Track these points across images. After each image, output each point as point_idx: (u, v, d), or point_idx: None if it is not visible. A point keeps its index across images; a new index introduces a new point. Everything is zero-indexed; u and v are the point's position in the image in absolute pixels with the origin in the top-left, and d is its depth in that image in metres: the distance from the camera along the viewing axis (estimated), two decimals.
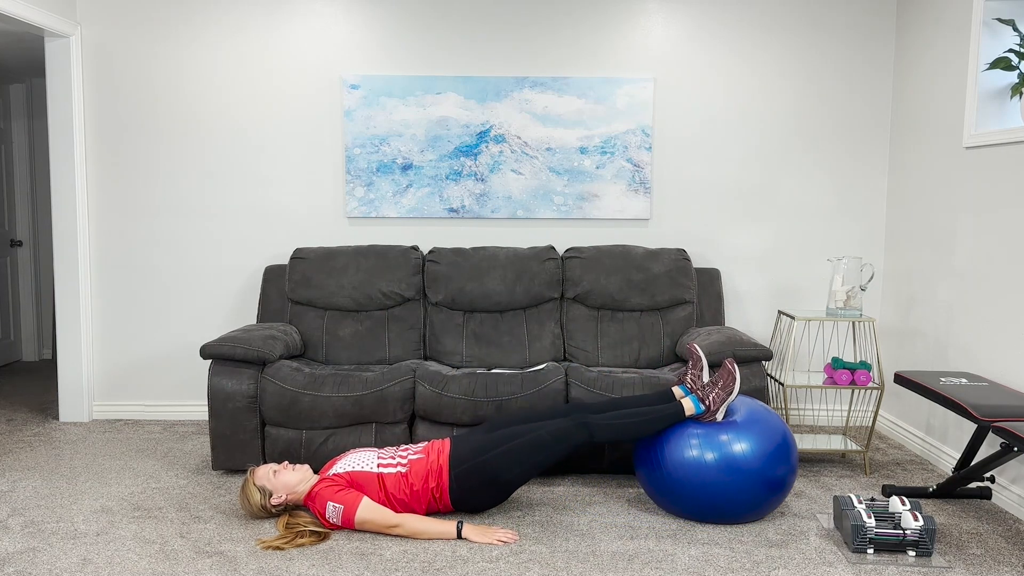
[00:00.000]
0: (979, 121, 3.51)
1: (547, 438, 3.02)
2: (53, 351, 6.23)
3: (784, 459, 2.97)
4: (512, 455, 2.99)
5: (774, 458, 2.95)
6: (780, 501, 3.04)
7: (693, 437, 2.98)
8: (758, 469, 2.92)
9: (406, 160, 4.36)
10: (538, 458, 3.01)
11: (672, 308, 4.07)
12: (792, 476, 3.02)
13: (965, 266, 3.59)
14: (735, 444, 2.93)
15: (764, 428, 2.99)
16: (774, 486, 2.96)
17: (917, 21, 4.08)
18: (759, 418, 3.03)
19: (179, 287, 4.47)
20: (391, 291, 4.04)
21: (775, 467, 2.95)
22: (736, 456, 2.92)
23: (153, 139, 4.40)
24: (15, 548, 2.81)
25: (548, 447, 3.01)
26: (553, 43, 4.35)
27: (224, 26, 4.34)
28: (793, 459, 3.02)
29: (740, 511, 2.98)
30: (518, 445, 3.01)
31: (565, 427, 3.03)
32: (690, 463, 2.95)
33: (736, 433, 2.96)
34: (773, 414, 3.09)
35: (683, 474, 2.96)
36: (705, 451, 2.94)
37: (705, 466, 2.93)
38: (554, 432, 3.03)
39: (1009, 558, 2.78)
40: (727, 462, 2.92)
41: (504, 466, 2.99)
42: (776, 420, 3.06)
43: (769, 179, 4.40)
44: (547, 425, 3.06)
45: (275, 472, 3.02)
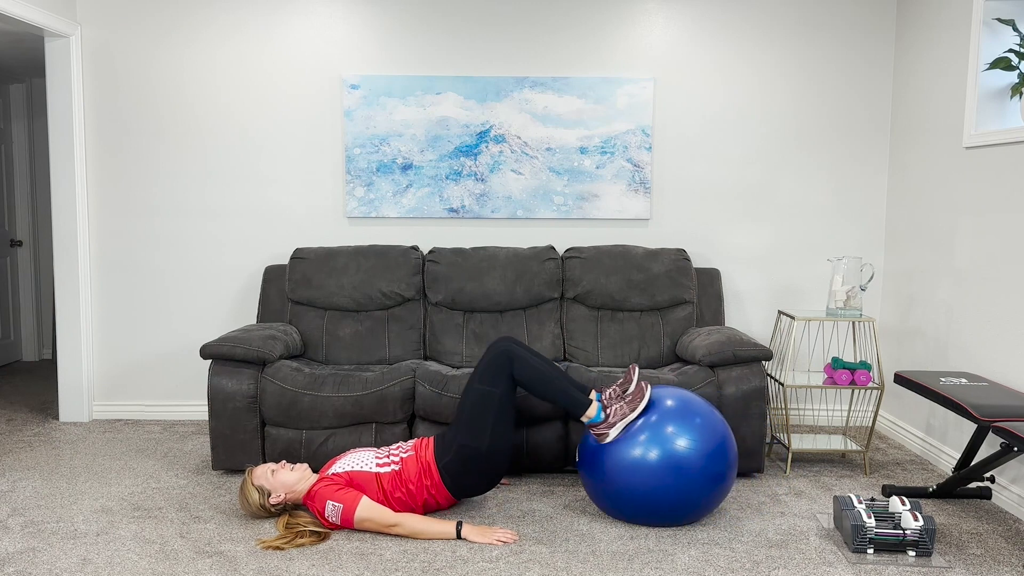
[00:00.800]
0: (979, 121, 3.51)
1: (481, 387, 3.00)
2: (53, 351, 6.23)
3: (723, 456, 2.93)
4: (471, 424, 2.99)
5: (715, 456, 2.91)
6: (721, 498, 2.99)
7: (639, 434, 2.92)
8: (700, 467, 2.87)
9: (406, 160, 4.36)
10: (491, 410, 2.98)
11: (672, 308, 4.07)
12: (732, 472, 2.98)
13: (965, 266, 3.59)
14: (678, 440, 2.88)
15: (704, 423, 2.95)
16: (714, 481, 2.91)
17: (917, 21, 4.08)
18: (699, 412, 2.99)
19: (179, 287, 4.47)
20: (391, 291, 4.04)
21: (716, 464, 2.90)
22: (679, 454, 2.87)
23: (153, 139, 4.40)
24: (15, 548, 2.81)
25: (488, 395, 2.99)
26: (553, 43, 4.35)
27: (224, 26, 4.34)
28: (732, 455, 2.97)
29: (683, 512, 2.93)
30: (468, 411, 3.01)
31: (489, 362, 3.01)
32: (632, 463, 2.89)
33: (678, 428, 2.91)
34: (715, 411, 3.05)
35: (624, 474, 2.90)
36: (648, 450, 2.88)
37: (649, 466, 2.87)
38: (483, 376, 3.01)
39: (1009, 558, 2.78)
40: (670, 462, 2.86)
41: (473, 439, 2.98)
42: (717, 417, 3.02)
43: (769, 179, 4.40)
44: (477, 373, 3.04)
45: (273, 471, 3.02)
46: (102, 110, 4.39)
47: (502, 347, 3.05)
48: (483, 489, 3.10)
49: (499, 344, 3.08)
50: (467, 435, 2.99)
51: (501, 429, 3.01)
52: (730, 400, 3.46)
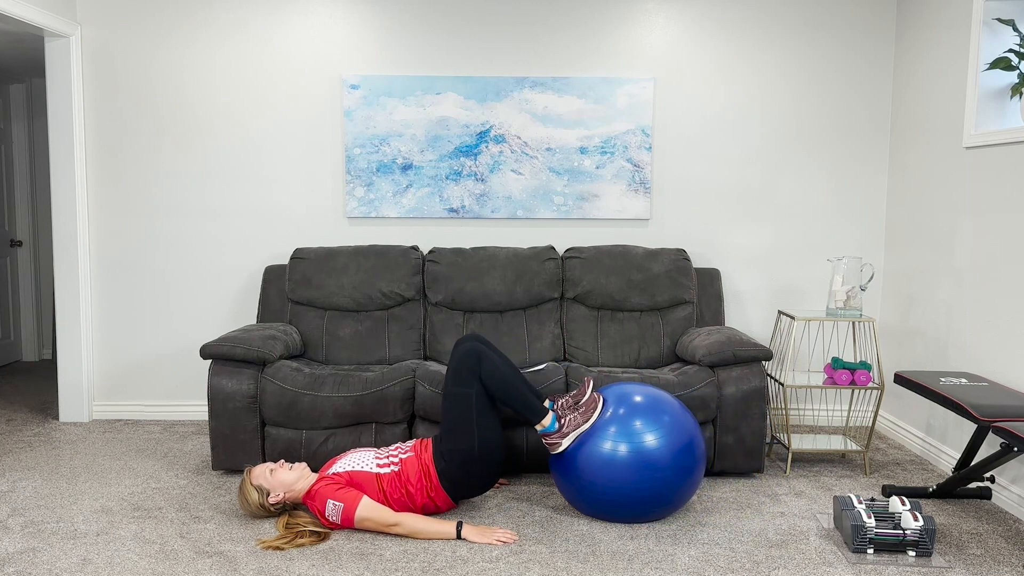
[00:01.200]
0: (979, 121, 3.51)
1: (454, 390, 3.02)
2: (53, 351, 6.23)
3: (690, 452, 2.96)
4: (454, 427, 3.00)
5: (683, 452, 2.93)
6: (690, 495, 3.02)
7: (608, 427, 2.96)
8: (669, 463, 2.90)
9: (406, 160, 4.36)
10: (471, 411, 2.99)
11: (672, 308, 4.07)
12: (700, 467, 3.00)
13: (965, 266, 3.59)
14: (647, 435, 2.91)
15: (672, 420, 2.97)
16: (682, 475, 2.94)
17: (917, 21, 4.08)
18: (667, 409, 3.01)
19: (179, 287, 4.47)
20: (391, 291, 4.04)
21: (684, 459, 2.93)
22: (648, 450, 2.89)
23: (153, 139, 4.40)
24: (15, 548, 2.81)
25: (463, 396, 3.00)
26: (553, 43, 4.35)
27: (224, 26, 4.34)
28: (698, 452, 2.99)
29: (652, 506, 2.96)
30: (448, 415, 3.03)
31: (458, 363, 3.03)
32: (604, 460, 2.92)
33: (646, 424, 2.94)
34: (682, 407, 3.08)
35: (597, 473, 2.93)
36: (618, 444, 2.91)
37: (617, 461, 2.90)
38: (454, 378, 3.02)
39: (1009, 558, 2.78)
40: (639, 457, 2.89)
41: (459, 441, 2.99)
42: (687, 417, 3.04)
43: (769, 179, 4.40)
44: (448, 375, 3.05)
45: (271, 471, 3.02)
46: (102, 110, 4.39)
47: (469, 347, 3.06)
48: (482, 489, 3.10)
49: (466, 344, 3.09)
50: (455, 440, 3.00)
51: (486, 426, 3.01)
52: (730, 400, 3.46)
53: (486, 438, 3.01)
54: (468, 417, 3.00)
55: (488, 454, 3.02)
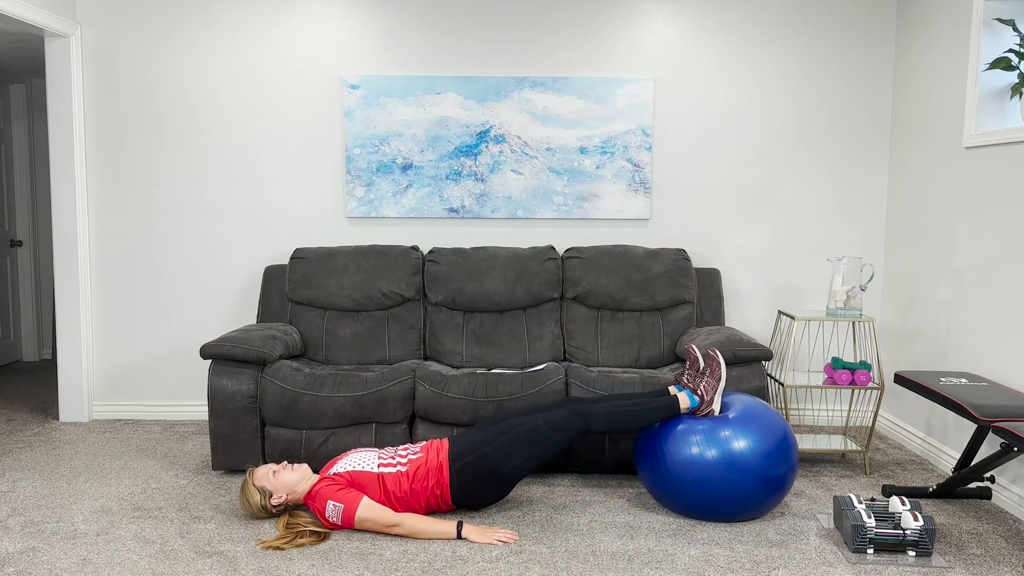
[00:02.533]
0: (979, 121, 3.51)
1: (544, 428, 3.03)
2: (53, 351, 6.23)
3: (784, 457, 2.98)
4: (510, 446, 3.00)
5: (774, 456, 2.95)
6: (779, 500, 3.05)
7: (694, 434, 2.99)
8: (758, 467, 2.92)
9: (406, 160, 4.36)
10: (536, 449, 3.02)
11: (672, 308, 4.07)
12: (792, 474, 3.03)
13: (965, 266, 3.59)
14: (736, 441, 2.94)
15: (764, 425, 3.00)
16: (774, 484, 2.96)
17: (917, 21, 4.08)
18: (759, 415, 3.03)
19: (179, 287, 4.47)
20: (391, 291, 4.04)
21: (775, 465, 2.95)
22: (736, 453, 2.92)
23: (153, 139, 4.40)
24: (15, 548, 2.81)
25: (546, 437, 3.02)
26: (553, 43, 4.35)
27: (224, 26, 4.34)
28: (793, 457, 3.03)
29: (740, 509, 2.98)
30: (516, 435, 3.02)
31: (562, 416, 3.04)
32: (691, 460, 2.96)
33: (736, 430, 2.96)
34: (773, 411, 3.10)
35: (684, 471, 2.97)
36: (706, 448, 2.94)
37: (706, 463, 2.93)
38: (551, 421, 3.04)
39: (1009, 558, 2.78)
40: (728, 459, 2.92)
41: (503, 458, 2.99)
42: (776, 418, 3.06)
43: (769, 179, 4.40)
44: (544, 415, 3.07)
45: (274, 472, 3.02)
46: (102, 110, 4.39)
47: (577, 409, 3.07)
48: (481, 504, 3.10)
49: (572, 406, 3.10)
50: (499, 451, 3.00)
51: (528, 464, 3.04)
52: None
53: (517, 471, 3.03)
54: (527, 449, 3.01)
55: (506, 481, 3.05)
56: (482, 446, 3.02)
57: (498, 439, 3.02)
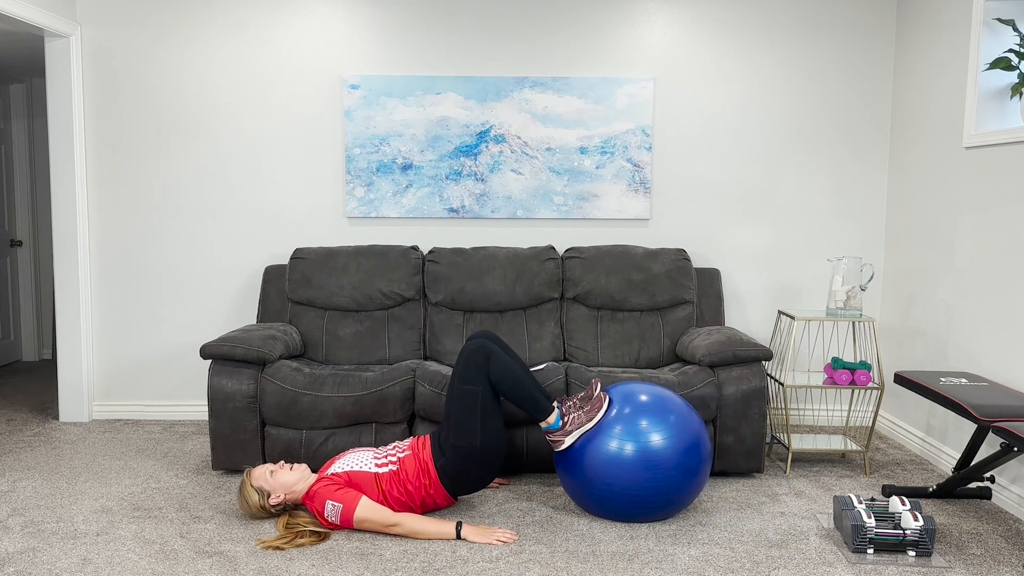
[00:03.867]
0: (979, 121, 3.51)
1: (463, 387, 3.01)
2: (53, 351, 6.23)
3: (696, 453, 2.97)
4: (460, 423, 3.00)
5: (689, 452, 2.94)
6: (695, 495, 3.03)
7: (613, 427, 2.97)
8: (675, 462, 2.91)
9: (406, 160, 4.36)
10: (476, 408, 2.99)
11: (672, 308, 4.07)
12: (705, 468, 3.01)
13: (965, 266, 3.59)
14: (652, 435, 2.92)
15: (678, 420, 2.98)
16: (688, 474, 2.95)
17: (917, 21, 4.08)
18: (672, 408, 3.02)
19: (179, 287, 4.47)
20: (391, 291, 4.04)
21: (690, 459, 2.94)
22: (652, 449, 2.90)
23: (153, 139, 4.40)
24: (15, 548, 2.81)
25: (471, 393, 3.00)
26: (553, 43, 4.35)
27: (224, 26, 4.34)
28: (704, 452, 3.00)
29: (656, 506, 2.97)
30: (455, 411, 3.02)
31: (466, 360, 3.02)
32: (610, 459, 2.93)
33: (652, 423, 2.95)
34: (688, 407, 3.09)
35: (601, 470, 2.94)
36: (624, 443, 2.92)
37: (623, 460, 2.91)
38: (462, 375, 3.02)
39: (1009, 558, 2.78)
40: (644, 456, 2.90)
41: (466, 438, 2.99)
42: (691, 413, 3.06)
43: (769, 179, 4.40)
44: (456, 372, 3.05)
45: (272, 472, 3.02)
46: (102, 110, 4.39)
47: (478, 343, 3.06)
48: (480, 485, 3.11)
49: (475, 340, 3.10)
50: (458, 436, 3.00)
51: (491, 424, 3.02)
52: (730, 400, 3.46)
53: (489, 436, 3.01)
54: (473, 414, 3.00)
55: (489, 452, 3.03)
56: (446, 440, 3.03)
57: (449, 425, 3.03)
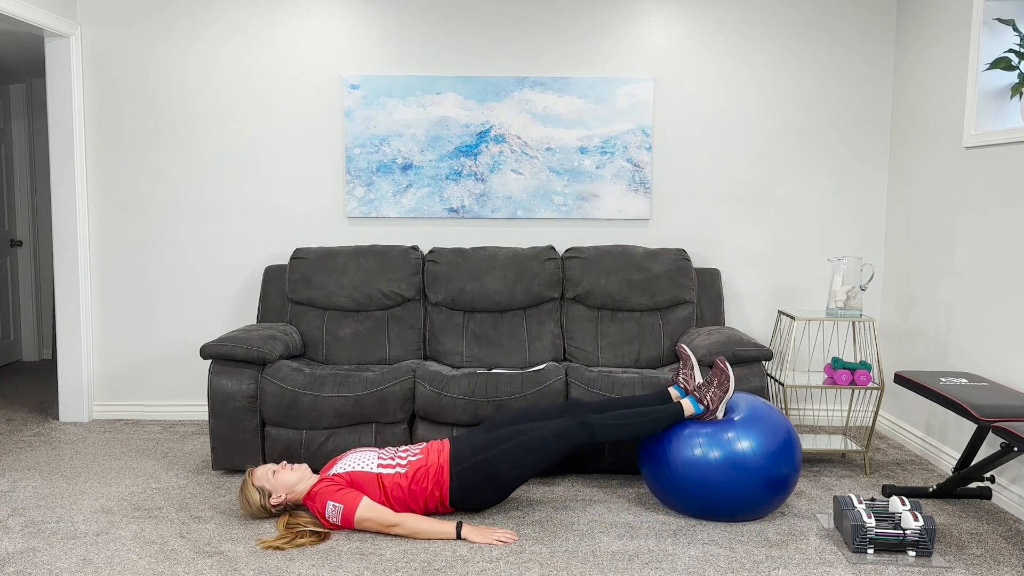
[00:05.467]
0: (979, 121, 3.51)
1: (548, 437, 3.02)
2: (53, 351, 6.23)
3: (788, 458, 2.98)
4: (513, 454, 3.00)
5: (778, 456, 2.95)
6: (782, 500, 3.05)
7: (698, 436, 2.99)
8: (762, 467, 2.93)
9: (406, 160, 4.36)
10: (538, 457, 3.02)
11: (672, 308, 4.07)
12: (795, 474, 3.03)
13: (965, 266, 3.59)
14: (739, 442, 2.94)
15: (768, 426, 3.00)
16: (777, 484, 2.97)
17: (917, 21, 4.08)
18: (763, 416, 3.04)
19: (179, 287, 4.47)
20: (391, 291, 4.04)
21: (779, 465, 2.96)
22: (740, 454, 2.92)
23: (153, 139, 4.40)
24: (15, 548, 2.81)
25: (549, 446, 3.01)
26: (553, 43, 4.35)
27: (224, 26, 4.34)
28: (796, 457, 3.03)
29: (743, 509, 2.99)
30: (519, 443, 3.01)
31: (566, 427, 3.04)
32: (695, 461, 2.96)
33: (740, 431, 2.97)
34: (777, 412, 3.10)
35: (688, 472, 2.97)
36: (710, 449, 2.95)
37: (710, 464, 2.94)
38: (556, 432, 3.03)
39: (1009, 558, 2.78)
40: (731, 460, 2.92)
41: (505, 465, 2.99)
42: (780, 418, 3.07)
43: (769, 179, 4.40)
44: (549, 425, 3.06)
45: (274, 472, 3.02)
46: (102, 110, 4.39)
47: (583, 422, 3.04)
48: (480, 507, 3.10)
49: (578, 416, 3.09)
50: (501, 458, 3.00)
51: (529, 473, 3.04)
52: None
53: (519, 479, 3.04)
54: (531, 457, 3.01)
55: (507, 488, 3.05)
56: (484, 451, 3.01)
57: (501, 445, 3.02)
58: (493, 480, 3.00)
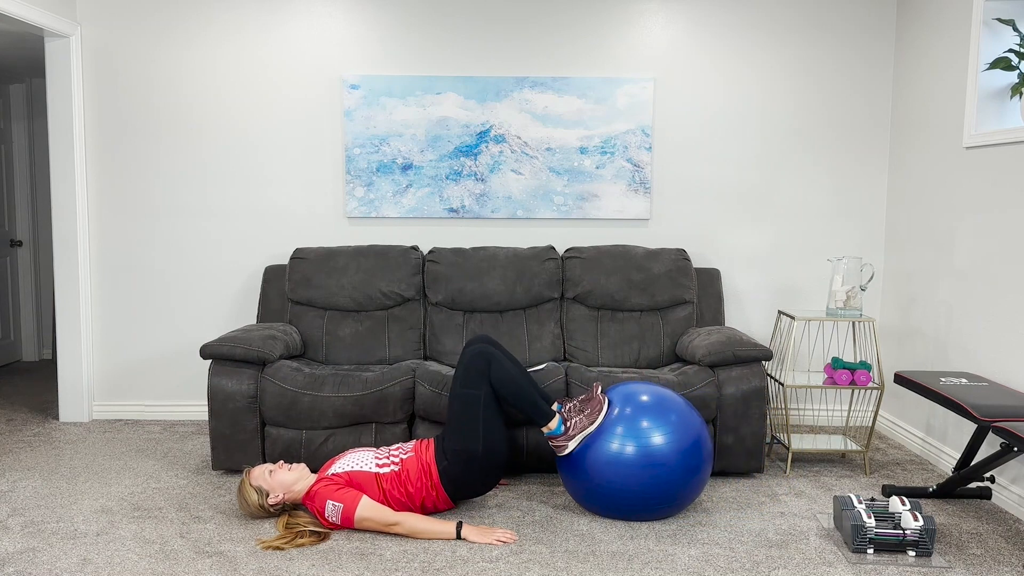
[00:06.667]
0: (979, 121, 3.51)
1: (464, 392, 3.03)
2: (53, 351, 6.23)
3: (696, 453, 2.98)
4: (460, 428, 3.01)
5: (690, 452, 2.95)
6: (696, 494, 3.04)
7: (616, 427, 2.98)
8: (677, 463, 2.92)
9: (406, 160, 4.36)
10: (477, 412, 3.01)
11: (672, 308, 4.07)
12: (706, 467, 3.02)
13: (965, 266, 3.59)
14: (654, 436, 2.93)
15: (679, 419, 3.00)
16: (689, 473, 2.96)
17: (917, 21, 4.08)
18: (673, 408, 3.03)
19: (179, 287, 4.47)
20: (391, 291, 4.04)
21: (691, 459, 2.96)
22: (654, 449, 2.91)
23: (153, 139, 4.40)
24: (15, 548, 2.81)
25: (472, 397, 3.01)
26: (553, 43, 4.35)
27: (224, 26, 4.34)
28: (705, 451, 3.02)
29: (658, 505, 2.98)
30: (456, 415, 3.03)
31: (467, 364, 3.04)
32: (610, 459, 2.94)
33: (653, 424, 2.96)
34: (692, 410, 3.09)
35: (604, 471, 2.95)
36: (625, 443, 2.93)
37: (624, 459, 2.92)
38: (464, 379, 3.04)
39: (1009, 558, 2.78)
40: (646, 454, 2.91)
41: (466, 442, 2.99)
42: (693, 415, 3.06)
43: (769, 179, 4.40)
44: (456, 376, 3.07)
45: (271, 472, 3.02)
46: (102, 110, 4.39)
47: (479, 348, 3.07)
48: (483, 490, 3.11)
49: (476, 346, 3.10)
50: (460, 440, 3.00)
51: (492, 428, 3.03)
52: (730, 400, 3.46)
53: (491, 440, 3.02)
54: (475, 418, 3.01)
55: (491, 456, 3.03)
56: (449, 445, 3.03)
57: (450, 429, 3.04)
58: (474, 461, 3.00)
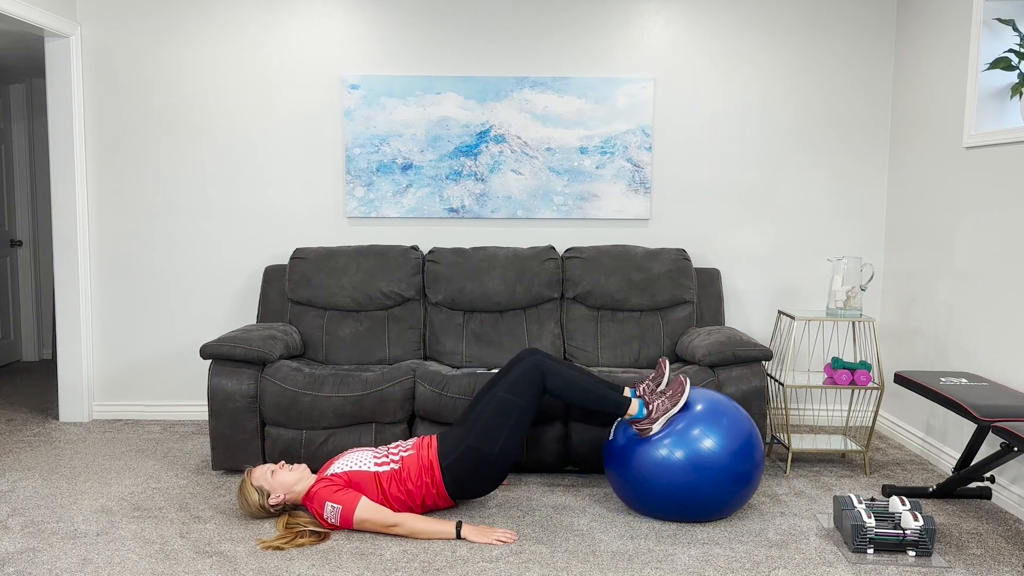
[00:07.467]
0: (979, 121, 3.51)
1: (506, 396, 3.02)
2: (53, 351, 6.23)
3: (748, 455, 2.97)
4: (488, 429, 3.00)
5: (740, 455, 2.94)
6: (747, 498, 3.03)
7: (665, 436, 2.97)
8: (726, 466, 2.91)
9: (406, 160, 4.36)
10: (512, 420, 3.00)
11: (672, 308, 4.07)
12: (757, 471, 3.01)
13: (965, 266, 3.59)
14: (703, 441, 2.92)
15: (731, 423, 2.98)
16: (740, 480, 2.95)
17: (917, 21, 4.08)
18: (725, 412, 3.02)
19: (179, 287, 4.47)
20: (391, 291, 4.04)
21: (742, 463, 2.94)
22: (704, 453, 2.91)
23: (153, 139, 4.40)
24: (15, 548, 2.81)
25: (512, 405, 3.01)
26: (553, 43, 4.35)
27: (224, 26, 4.34)
28: (758, 455, 3.01)
29: (707, 509, 2.97)
30: (488, 417, 3.02)
31: (520, 375, 3.03)
32: (658, 462, 2.93)
33: (704, 429, 2.95)
34: (740, 410, 3.08)
35: (651, 472, 2.95)
36: (674, 449, 2.93)
37: (674, 464, 2.91)
38: (511, 386, 3.03)
39: (1009, 558, 2.78)
40: (694, 459, 2.90)
41: (487, 444, 2.99)
42: (743, 416, 3.05)
43: (769, 179, 4.40)
44: (505, 383, 3.05)
45: (272, 472, 3.02)
46: (102, 110, 4.39)
47: (533, 360, 3.06)
48: (481, 493, 3.10)
49: (529, 358, 3.09)
50: (480, 439, 2.99)
51: (513, 438, 3.03)
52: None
53: (506, 448, 3.02)
54: (503, 424, 3.00)
55: (500, 462, 3.03)
56: (464, 439, 3.02)
57: (475, 427, 3.02)
58: (484, 463, 3.00)
